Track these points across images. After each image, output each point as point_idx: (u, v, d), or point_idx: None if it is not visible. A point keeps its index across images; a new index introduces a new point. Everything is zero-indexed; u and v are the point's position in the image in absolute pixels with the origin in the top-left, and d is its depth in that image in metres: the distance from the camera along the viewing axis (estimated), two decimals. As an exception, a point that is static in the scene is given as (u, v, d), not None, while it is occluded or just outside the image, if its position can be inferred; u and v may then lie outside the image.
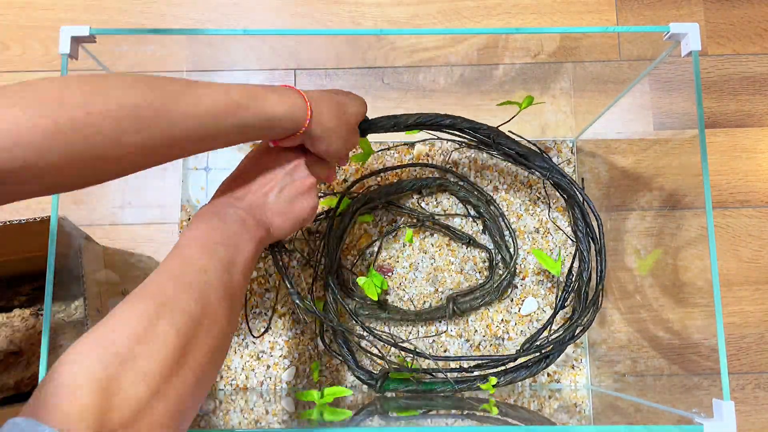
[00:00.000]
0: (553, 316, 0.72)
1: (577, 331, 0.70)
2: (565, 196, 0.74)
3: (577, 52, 0.77)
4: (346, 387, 0.75)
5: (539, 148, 0.70)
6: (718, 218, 0.82)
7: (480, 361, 0.69)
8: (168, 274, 0.41)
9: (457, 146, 0.80)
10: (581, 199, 0.72)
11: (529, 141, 0.81)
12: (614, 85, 0.75)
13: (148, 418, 0.33)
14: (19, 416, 0.30)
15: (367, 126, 0.68)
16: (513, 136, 0.75)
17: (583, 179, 0.80)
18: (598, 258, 0.71)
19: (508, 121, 0.71)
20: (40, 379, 0.48)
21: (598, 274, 0.70)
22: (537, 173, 0.72)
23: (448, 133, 0.76)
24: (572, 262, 0.75)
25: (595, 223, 0.71)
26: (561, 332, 0.70)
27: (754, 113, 0.85)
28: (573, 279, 0.73)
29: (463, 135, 0.72)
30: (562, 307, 0.73)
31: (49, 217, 0.51)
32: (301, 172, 0.55)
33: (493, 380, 0.69)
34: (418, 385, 0.69)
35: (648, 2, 0.88)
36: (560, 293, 0.75)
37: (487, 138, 0.72)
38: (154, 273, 0.41)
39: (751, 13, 0.88)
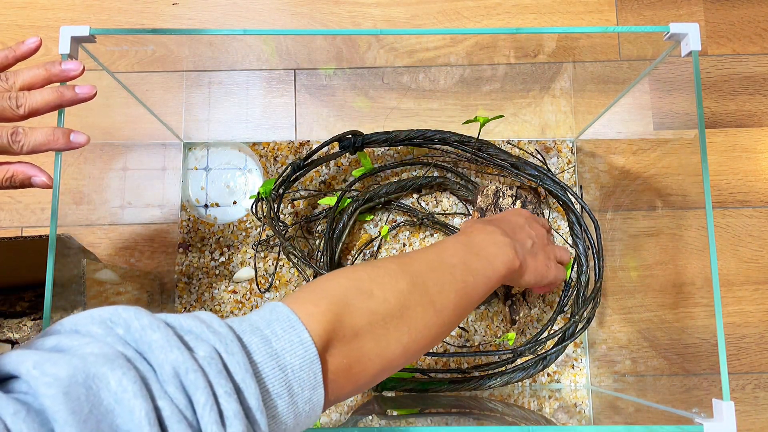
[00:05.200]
0: (550, 323, 0.73)
1: (577, 329, 0.70)
2: (559, 202, 0.74)
3: (577, 52, 0.77)
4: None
5: (538, 152, 0.70)
6: (718, 218, 0.82)
7: (476, 356, 0.69)
8: (422, 254, 0.48)
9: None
10: (575, 205, 0.73)
11: (528, 141, 0.81)
12: (614, 85, 0.75)
13: (357, 347, 0.38)
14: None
15: (361, 142, 0.69)
16: (503, 145, 0.75)
17: (581, 186, 0.80)
18: (596, 260, 0.71)
19: (477, 138, 0.71)
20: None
21: (596, 272, 0.70)
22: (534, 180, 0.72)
23: (438, 149, 0.77)
24: (573, 265, 0.75)
25: (592, 227, 0.71)
26: (559, 332, 0.70)
27: (754, 113, 0.85)
28: (572, 284, 0.73)
29: (453, 148, 0.72)
30: (561, 311, 0.73)
31: (47, 235, 0.51)
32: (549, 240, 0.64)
33: (512, 335, 0.69)
34: (415, 385, 0.69)
35: (648, 2, 0.88)
36: (558, 298, 0.75)
37: (478, 150, 0.72)
38: (417, 251, 0.49)
39: (751, 13, 0.88)
